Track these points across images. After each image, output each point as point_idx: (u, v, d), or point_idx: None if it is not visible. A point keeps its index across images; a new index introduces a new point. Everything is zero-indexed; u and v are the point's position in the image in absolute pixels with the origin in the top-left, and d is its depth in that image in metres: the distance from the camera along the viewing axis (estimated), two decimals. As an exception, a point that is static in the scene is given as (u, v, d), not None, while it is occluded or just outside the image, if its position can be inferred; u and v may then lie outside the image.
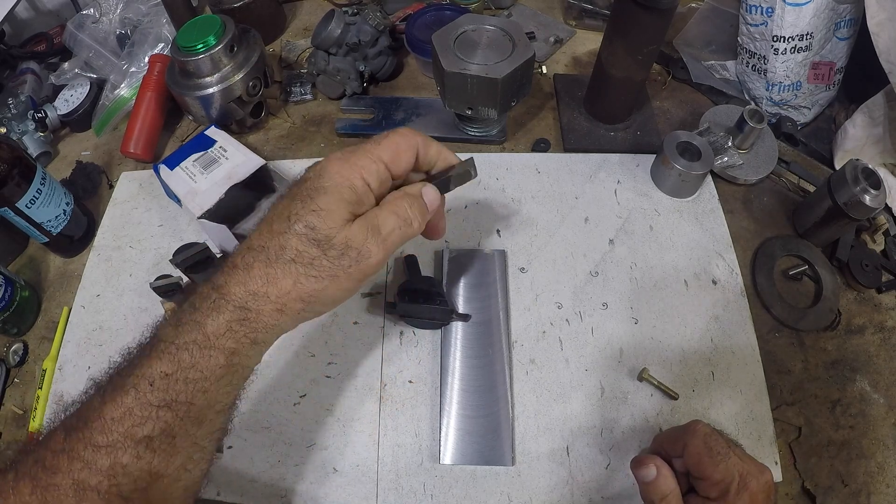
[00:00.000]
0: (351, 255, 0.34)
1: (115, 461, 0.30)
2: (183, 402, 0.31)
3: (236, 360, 0.33)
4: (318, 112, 0.75)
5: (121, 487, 0.30)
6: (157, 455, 0.31)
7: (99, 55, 0.76)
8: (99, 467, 0.29)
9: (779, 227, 0.64)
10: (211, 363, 0.32)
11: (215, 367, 0.32)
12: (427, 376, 0.54)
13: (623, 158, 0.68)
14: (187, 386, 0.31)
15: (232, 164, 0.60)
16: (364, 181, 0.36)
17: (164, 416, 0.31)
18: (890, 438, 0.52)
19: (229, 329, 0.33)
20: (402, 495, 0.48)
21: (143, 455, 0.30)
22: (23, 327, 0.59)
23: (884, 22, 0.60)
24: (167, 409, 0.31)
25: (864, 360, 0.56)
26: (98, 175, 0.70)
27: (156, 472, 0.31)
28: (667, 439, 0.42)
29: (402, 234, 0.37)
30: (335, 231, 0.34)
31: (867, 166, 0.57)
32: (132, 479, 0.30)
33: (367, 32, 0.70)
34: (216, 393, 0.33)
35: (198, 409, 0.32)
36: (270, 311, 0.34)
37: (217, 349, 0.32)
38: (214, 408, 0.33)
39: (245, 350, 0.33)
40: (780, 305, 0.58)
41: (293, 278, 0.34)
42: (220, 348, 0.32)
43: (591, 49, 0.82)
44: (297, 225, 0.34)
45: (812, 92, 0.71)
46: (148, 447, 0.30)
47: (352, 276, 0.35)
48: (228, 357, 0.33)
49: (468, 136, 0.70)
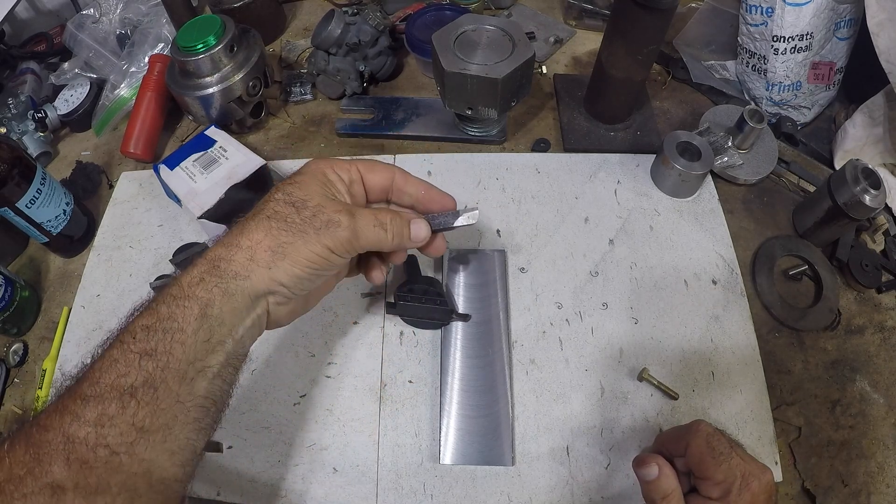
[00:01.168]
0: (321, 218, 0.37)
1: (102, 412, 0.31)
2: (163, 353, 0.32)
3: (210, 311, 0.34)
4: (318, 112, 0.75)
5: (108, 439, 0.30)
6: (142, 407, 0.31)
7: (99, 55, 0.76)
8: (87, 419, 0.30)
9: (779, 227, 0.64)
10: (186, 313, 0.33)
11: (190, 318, 0.33)
12: (427, 376, 0.54)
13: (623, 158, 0.68)
14: (165, 335, 0.33)
15: (232, 164, 0.60)
16: (336, 174, 0.41)
17: (146, 366, 0.32)
18: (890, 438, 0.52)
19: (202, 280, 0.34)
20: (402, 495, 0.48)
21: (128, 405, 0.31)
22: (23, 327, 0.59)
23: (884, 22, 0.60)
24: (148, 357, 0.32)
25: (864, 360, 0.56)
26: (98, 175, 0.70)
27: (140, 426, 0.31)
28: (669, 438, 0.42)
29: (376, 235, 0.40)
30: (310, 198, 0.38)
31: (867, 166, 0.57)
32: (118, 431, 0.31)
33: (367, 32, 0.70)
34: (194, 347, 0.33)
35: (177, 361, 0.33)
36: (240, 260, 0.35)
37: (191, 299, 0.34)
38: (195, 365, 0.33)
39: (218, 302, 0.34)
40: (780, 305, 0.58)
41: (265, 231, 0.36)
42: (193, 297, 0.34)
43: (591, 49, 0.82)
44: (276, 193, 0.38)
45: (812, 92, 0.71)
46: (132, 396, 0.31)
47: (320, 239, 0.37)
48: (202, 308, 0.34)
49: (468, 136, 0.70)
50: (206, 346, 0.34)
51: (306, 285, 0.38)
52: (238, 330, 0.36)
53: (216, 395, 0.35)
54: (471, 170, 0.67)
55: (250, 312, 0.36)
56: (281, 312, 0.39)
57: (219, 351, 0.35)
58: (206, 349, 0.34)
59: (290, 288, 0.37)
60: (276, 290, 0.37)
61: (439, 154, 0.69)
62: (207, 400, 0.34)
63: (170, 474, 0.33)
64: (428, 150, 0.70)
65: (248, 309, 0.36)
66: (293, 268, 0.36)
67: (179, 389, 0.33)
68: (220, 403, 0.36)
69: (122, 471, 0.31)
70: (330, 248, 0.37)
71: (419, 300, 0.54)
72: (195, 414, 0.34)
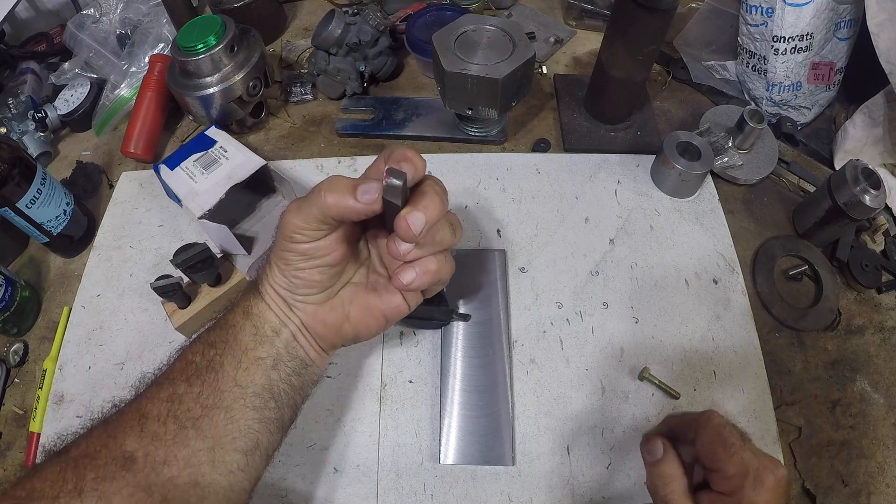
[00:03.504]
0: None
1: (173, 392, 0.36)
2: (221, 342, 0.38)
3: (251, 310, 0.40)
4: (319, 112, 0.75)
5: (177, 412, 0.35)
6: (206, 386, 0.36)
7: (99, 55, 0.76)
8: (160, 397, 0.36)
9: (779, 227, 0.64)
10: (236, 314, 0.40)
11: (238, 317, 0.40)
12: (427, 376, 0.54)
13: (623, 158, 0.68)
14: (222, 331, 0.39)
15: (232, 164, 0.60)
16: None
17: (208, 353, 0.38)
18: (890, 438, 0.52)
19: (245, 292, 0.42)
20: (402, 495, 0.48)
21: (194, 384, 0.36)
22: (23, 327, 0.59)
23: (884, 22, 0.60)
24: (210, 346, 0.38)
25: (864, 360, 0.56)
26: (98, 175, 0.70)
27: (205, 403, 0.36)
28: (678, 423, 0.40)
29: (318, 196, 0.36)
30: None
31: (867, 166, 0.57)
32: (186, 407, 0.35)
33: (368, 32, 0.70)
34: (244, 339, 0.39)
35: (232, 349, 0.38)
36: (263, 269, 0.42)
37: (238, 305, 0.41)
38: (248, 354, 0.38)
39: (254, 303, 0.40)
40: (780, 305, 0.58)
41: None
42: (238, 304, 0.41)
43: (591, 49, 0.82)
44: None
45: (812, 92, 0.71)
46: (198, 377, 0.37)
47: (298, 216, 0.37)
48: (244, 308, 0.40)
49: (468, 136, 0.70)
50: (255, 339, 0.39)
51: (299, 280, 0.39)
52: (281, 331, 0.40)
53: (276, 392, 0.39)
54: (471, 170, 0.67)
55: (286, 312, 0.40)
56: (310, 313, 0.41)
57: (267, 344, 0.39)
58: (255, 341, 0.39)
59: (288, 287, 0.40)
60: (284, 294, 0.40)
61: (439, 154, 0.69)
62: (266, 391, 0.38)
63: (231, 458, 0.36)
64: (428, 150, 0.70)
65: (281, 309, 0.40)
66: (278, 269, 0.40)
67: (237, 374, 0.37)
68: (280, 403, 0.39)
69: (189, 445, 0.35)
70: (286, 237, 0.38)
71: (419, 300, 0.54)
72: (254, 402, 0.37)
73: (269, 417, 0.38)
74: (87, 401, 0.53)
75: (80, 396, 0.53)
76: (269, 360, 0.39)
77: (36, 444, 0.51)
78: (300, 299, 0.40)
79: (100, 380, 0.54)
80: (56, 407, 0.53)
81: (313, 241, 0.38)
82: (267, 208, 0.63)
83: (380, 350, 0.55)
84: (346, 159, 0.68)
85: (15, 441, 0.53)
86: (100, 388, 0.54)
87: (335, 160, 0.68)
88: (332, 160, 0.68)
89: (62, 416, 0.52)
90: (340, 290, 0.42)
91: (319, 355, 0.42)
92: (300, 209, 0.37)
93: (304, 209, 0.37)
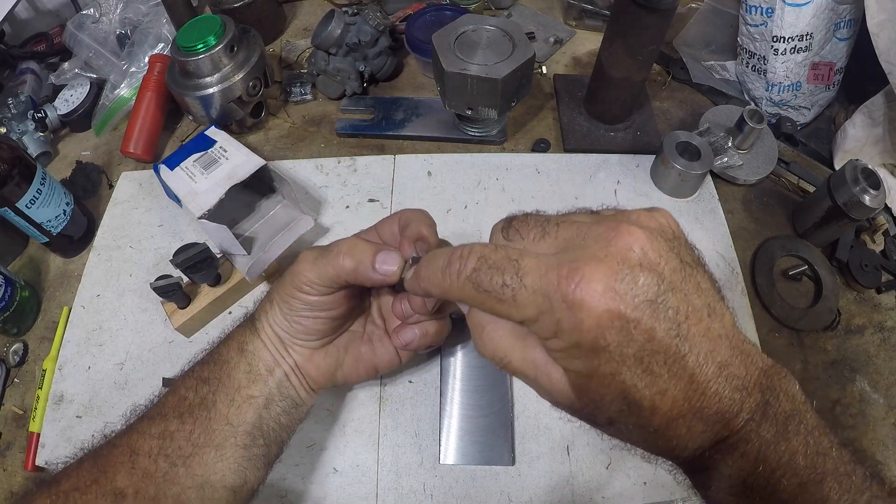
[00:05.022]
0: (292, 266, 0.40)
1: (165, 428, 0.36)
2: (215, 379, 0.38)
3: (246, 347, 0.40)
4: (318, 112, 0.75)
5: (167, 450, 0.35)
6: (198, 425, 0.36)
7: (99, 55, 0.76)
8: (152, 433, 0.36)
9: (779, 227, 0.64)
10: (230, 348, 0.40)
11: (233, 353, 0.40)
12: (427, 376, 0.54)
13: (623, 159, 0.68)
14: (216, 366, 0.39)
15: (232, 164, 0.60)
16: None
17: (201, 390, 0.38)
18: (890, 438, 0.52)
19: (240, 325, 0.42)
20: (402, 495, 0.48)
21: (186, 422, 0.36)
22: (23, 327, 0.59)
23: (884, 22, 0.60)
24: (204, 383, 0.38)
25: (864, 360, 0.56)
26: (98, 175, 0.70)
27: (196, 441, 0.36)
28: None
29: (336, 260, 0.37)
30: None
31: (867, 166, 0.57)
32: (177, 444, 0.35)
33: (367, 32, 0.70)
34: (238, 376, 0.39)
35: (226, 387, 0.38)
36: (262, 305, 0.42)
37: (232, 338, 0.41)
38: (241, 392, 0.38)
39: (249, 339, 0.40)
40: (779, 305, 0.58)
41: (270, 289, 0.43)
42: (232, 338, 0.41)
43: (591, 49, 0.82)
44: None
45: (812, 92, 0.71)
46: (190, 415, 0.37)
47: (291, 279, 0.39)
48: (239, 345, 0.40)
49: (468, 136, 0.70)
50: (248, 377, 0.39)
51: (299, 326, 0.40)
52: (275, 370, 0.40)
53: (265, 430, 0.39)
54: (471, 170, 0.67)
55: (280, 352, 0.41)
56: (306, 362, 0.42)
57: (260, 383, 0.39)
58: (248, 379, 0.39)
59: (287, 331, 0.40)
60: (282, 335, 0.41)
61: (439, 154, 0.69)
62: (256, 429, 0.38)
63: (220, 495, 0.36)
64: (428, 150, 0.70)
65: (276, 348, 0.40)
66: (280, 311, 0.40)
67: (229, 412, 0.37)
68: (268, 440, 0.39)
69: (178, 482, 0.35)
70: (296, 287, 0.39)
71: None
72: (244, 440, 0.38)
73: (258, 455, 0.38)
74: (86, 401, 0.53)
75: (80, 396, 0.53)
76: (262, 399, 0.39)
77: (36, 444, 0.51)
78: (298, 343, 0.41)
79: (99, 380, 0.54)
80: (56, 407, 0.53)
81: (322, 296, 0.39)
82: (267, 208, 0.63)
83: (380, 350, 0.55)
84: (346, 159, 0.68)
85: (15, 441, 0.53)
86: (99, 388, 0.54)
87: (335, 160, 0.68)
88: (332, 160, 0.68)
89: (62, 416, 0.52)
90: (337, 337, 0.43)
91: (309, 395, 0.43)
92: (316, 263, 0.38)
93: (319, 265, 0.37)
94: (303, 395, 0.42)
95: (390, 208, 0.64)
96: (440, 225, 0.42)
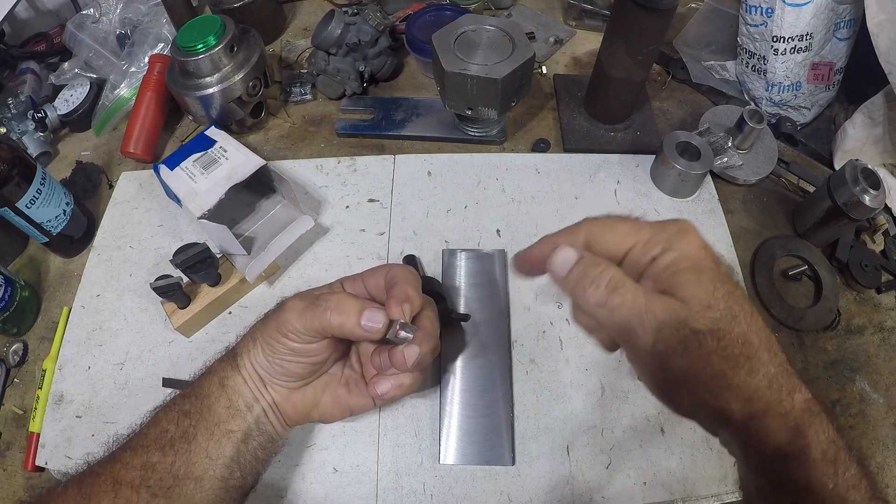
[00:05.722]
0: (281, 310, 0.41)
1: (147, 460, 0.37)
2: (196, 413, 0.39)
3: (226, 382, 0.41)
4: (318, 112, 0.75)
5: (149, 482, 0.36)
6: (179, 457, 0.38)
7: (99, 55, 0.76)
8: (134, 465, 0.37)
9: (779, 228, 0.64)
10: (210, 383, 0.41)
11: (214, 387, 0.41)
12: (427, 376, 0.54)
13: (623, 159, 0.68)
14: (198, 400, 0.40)
15: (232, 164, 0.60)
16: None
17: (182, 423, 0.39)
18: (890, 438, 0.52)
19: (221, 359, 0.43)
20: (402, 495, 0.48)
21: (168, 454, 0.37)
22: (23, 327, 0.59)
23: (884, 22, 0.60)
24: (185, 416, 0.39)
25: (864, 360, 0.56)
26: (98, 175, 0.70)
27: (177, 473, 0.37)
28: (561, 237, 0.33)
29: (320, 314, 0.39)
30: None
31: (867, 166, 0.57)
32: (159, 476, 0.37)
33: (367, 32, 0.70)
34: (218, 411, 0.40)
35: (206, 421, 0.39)
36: (245, 341, 0.43)
37: (213, 373, 0.42)
38: (220, 427, 0.40)
39: (230, 375, 0.41)
40: (779, 305, 0.58)
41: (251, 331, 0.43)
42: (213, 372, 0.42)
43: (591, 49, 0.82)
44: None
45: (812, 92, 0.71)
46: (171, 447, 0.38)
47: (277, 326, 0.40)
48: (220, 380, 0.41)
49: (468, 136, 0.70)
50: (228, 412, 0.40)
51: (280, 366, 0.41)
52: (254, 407, 0.41)
53: (242, 463, 0.40)
54: (471, 170, 0.67)
55: (260, 389, 0.42)
56: (284, 403, 0.43)
57: (239, 418, 0.40)
58: (228, 414, 0.40)
59: (268, 371, 0.41)
60: (258, 368, 0.42)
61: (439, 154, 0.69)
62: (234, 462, 0.40)
63: None
64: (428, 150, 0.70)
65: (256, 385, 0.42)
66: (262, 352, 0.41)
67: (209, 446, 0.39)
68: (244, 472, 0.41)
69: None
70: (280, 332, 0.40)
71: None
72: (222, 472, 0.39)
73: (234, 486, 0.40)
74: (86, 401, 0.53)
75: (80, 396, 0.53)
76: (240, 434, 0.40)
77: (35, 445, 0.51)
78: (277, 382, 0.42)
79: (99, 380, 0.54)
80: (56, 407, 0.53)
81: (306, 344, 0.40)
82: (267, 208, 0.63)
83: (379, 350, 0.55)
84: (346, 159, 0.68)
85: (15, 441, 0.53)
86: (99, 388, 0.54)
87: (335, 160, 0.68)
88: (332, 160, 0.68)
89: (62, 416, 0.52)
90: (315, 379, 0.44)
91: (284, 430, 0.44)
92: (303, 315, 0.39)
93: (306, 316, 0.39)
94: (279, 429, 0.43)
95: (390, 208, 0.64)
96: (440, 225, 0.42)
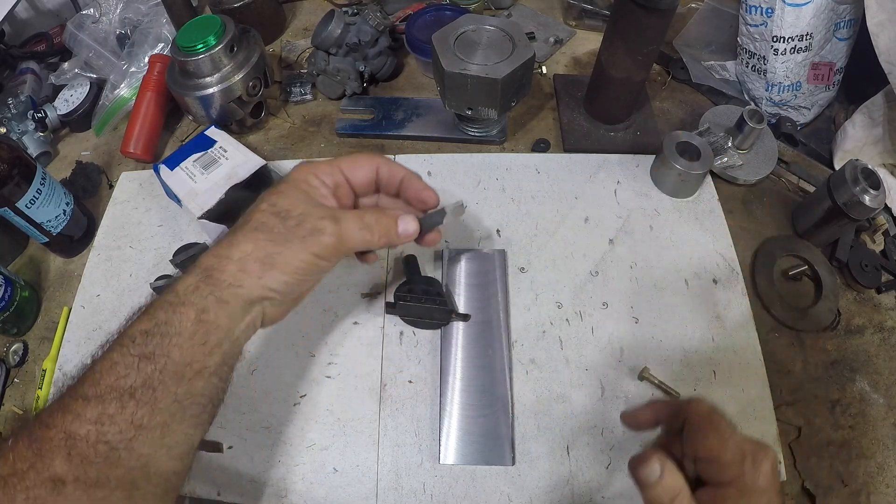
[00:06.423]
0: (306, 226, 0.38)
1: (102, 412, 0.32)
2: (161, 355, 0.34)
3: (205, 317, 0.35)
4: (318, 112, 0.75)
5: (107, 436, 0.32)
6: (140, 406, 0.33)
7: (99, 55, 0.76)
8: (88, 417, 0.32)
9: (779, 227, 0.64)
10: (182, 318, 0.35)
11: (186, 323, 0.35)
12: (427, 376, 0.54)
13: (623, 158, 0.68)
14: (163, 339, 0.34)
15: (232, 164, 0.60)
16: (319, 179, 0.42)
17: (144, 368, 0.33)
18: (890, 438, 0.52)
19: (196, 288, 0.36)
20: (402, 495, 0.48)
21: (127, 405, 0.32)
22: (23, 327, 0.59)
23: (884, 22, 0.60)
24: (147, 360, 0.33)
25: (864, 360, 0.56)
26: (98, 175, 0.70)
27: (139, 423, 0.33)
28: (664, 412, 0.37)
29: (361, 237, 0.40)
30: (294, 206, 0.39)
31: (867, 166, 0.57)
32: (118, 428, 0.32)
33: (367, 32, 0.70)
34: (191, 350, 0.35)
35: (175, 363, 0.34)
36: (232, 271, 0.36)
37: (186, 305, 0.35)
38: (192, 366, 0.35)
39: (213, 308, 0.36)
40: (779, 305, 0.58)
41: (253, 242, 0.37)
42: (189, 304, 0.35)
43: (591, 49, 0.82)
44: (262, 204, 0.39)
45: (812, 92, 0.71)
46: (132, 397, 0.33)
47: (306, 247, 0.37)
48: (198, 314, 0.35)
49: (468, 136, 0.70)
50: (203, 349, 0.35)
51: (297, 289, 0.39)
52: (234, 332, 0.37)
53: (212, 393, 0.36)
54: (471, 170, 0.67)
55: (245, 316, 0.37)
56: (275, 313, 0.40)
57: (216, 353, 0.36)
58: (203, 352, 0.35)
59: (283, 294, 0.38)
60: (268, 297, 0.38)
61: (439, 154, 0.69)
62: (204, 398, 0.36)
63: (167, 468, 0.34)
64: (428, 150, 0.70)
65: (242, 313, 0.37)
66: (283, 276, 0.37)
67: (177, 390, 0.34)
68: (215, 400, 0.37)
69: (121, 465, 0.32)
70: (317, 255, 0.38)
71: (419, 300, 0.54)
72: (192, 411, 0.35)
73: (205, 419, 0.36)
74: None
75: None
76: (213, 367, 0.36)
77: (36, 444, 0.51)
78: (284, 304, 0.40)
79: (99, 380, 0.54)
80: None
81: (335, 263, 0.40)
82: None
83: (380, 350, 0.55)
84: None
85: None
86: (99, 388, 0.54)
87: (335, 160, 0.68)
88: (332, 160, 0.68)
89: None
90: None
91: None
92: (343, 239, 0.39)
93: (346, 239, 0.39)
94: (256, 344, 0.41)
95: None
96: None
